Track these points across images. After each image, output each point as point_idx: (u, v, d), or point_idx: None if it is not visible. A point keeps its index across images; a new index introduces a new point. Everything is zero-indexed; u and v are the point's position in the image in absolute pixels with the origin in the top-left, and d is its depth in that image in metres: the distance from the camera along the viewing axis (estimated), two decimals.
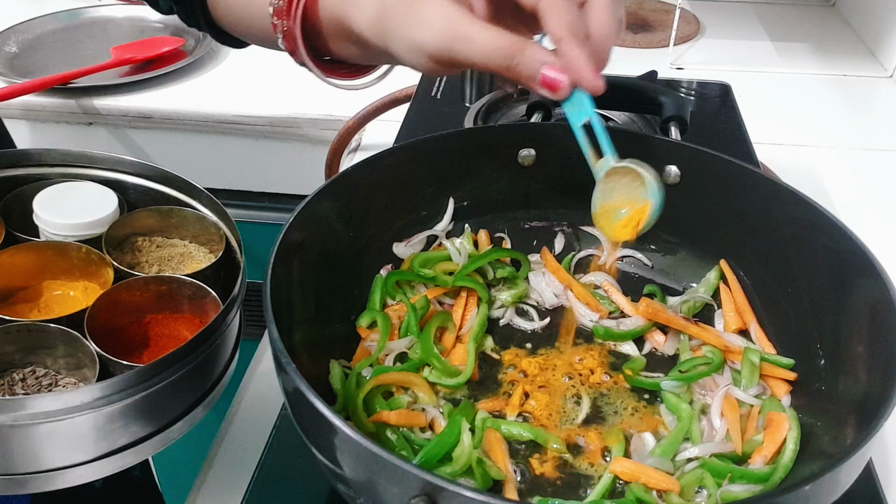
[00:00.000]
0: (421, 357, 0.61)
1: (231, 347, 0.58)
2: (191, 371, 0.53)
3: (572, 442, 0.58)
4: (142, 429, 0.52)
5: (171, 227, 0.65)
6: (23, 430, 0.48)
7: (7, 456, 0.49)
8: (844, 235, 0.57)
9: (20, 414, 0.47)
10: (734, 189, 0.66)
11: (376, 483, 0.43)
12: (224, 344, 0.56)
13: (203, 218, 0.64)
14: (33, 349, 0.55)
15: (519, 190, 0.73)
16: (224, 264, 0.62)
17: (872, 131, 1.14)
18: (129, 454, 0.53)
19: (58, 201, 0.63)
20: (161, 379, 0.51)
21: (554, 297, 0.71)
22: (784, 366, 0.61)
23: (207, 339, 0.53)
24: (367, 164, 0.66)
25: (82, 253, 0.60)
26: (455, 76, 1.11)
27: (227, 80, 1.23)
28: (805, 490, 0.42)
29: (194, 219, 0.64)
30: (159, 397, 0.52)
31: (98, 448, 0.51)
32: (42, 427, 0.48)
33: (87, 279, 0.61)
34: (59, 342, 0.55)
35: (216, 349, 0.55)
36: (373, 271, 0.68)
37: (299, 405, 0.47)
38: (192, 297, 0.59)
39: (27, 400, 0.48)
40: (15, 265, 0.59)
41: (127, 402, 0.50)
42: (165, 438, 0.54)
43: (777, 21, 1.45)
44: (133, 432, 0.52)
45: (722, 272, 0.68)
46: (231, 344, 0.58)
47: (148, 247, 0.64)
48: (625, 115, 0.95)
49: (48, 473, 0.51)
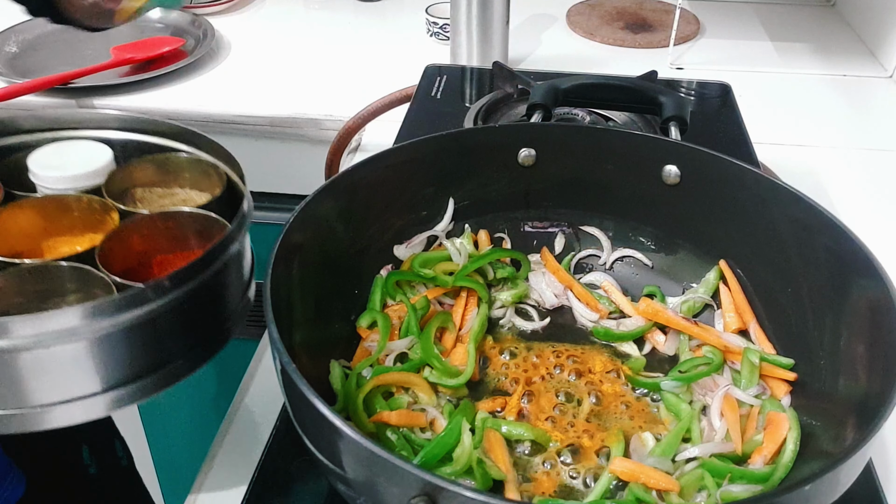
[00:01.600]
0: (421, 357, 0.61)
1: (244, 278, 0.54)
2: (195, 296, 0.48)
3: (572, 442, 0.58)
4: (141, 362, 0.47)
5: (169, 177, 0.64)
6: (5, 358, 0.44)
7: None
8: (844, 235, 0.57)
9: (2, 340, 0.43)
10: (734, 189, 0.66)
11: (376, 483, 0.43)
12: (232, 271, 0.52)
13: (200, 160, 0.63)
14: (44, 297, 0.52)
15: (519, 190, 0.73)
16: (228, 201, 0.60)
17: (872, 131, 1.14)
18: (128, 392, 0.48)
19: (52, 159, 0.62)
20: (162, 303, 0.46)
21: (554, 298, 0.71)
22: (784, 366, 0.61)
23: (214, 260, 0.49)
24: (367, 164, 0.66)
25: (83, 203, 0.58)
26: (455, 76, 1.11)
27: (227, 80, 1.23)
28: (805, 490, 0.42)
29: (191, 163, 0.63)
30: (160, 325, 0.47)
31: (92, 383, 0.47)
32: (26, 355, 0.44)
33: (93, 231, 0.58)
34: (70, 284, 0.51)
35: (223, 275, 0.51)
36: (373, 271, 0.68)
37: (299, 405, 0.47)
38: (200, 233, 0.56)
39: (9, 322, 0.43)
40: (17, 224, 0.57)
41: (122, 327, 0.45)
42: (169, 376, 0.49)
43: (777, 21, 1.45)
44: (131, 366, 0.47)
45: (722, 272, 0.68)
46: (244, 274, 0.54)
47: (149, 197, 0.64)
48: (625, 115, 0.95)
49: (35, 411, 0.46)
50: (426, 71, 1.11)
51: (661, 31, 1.37)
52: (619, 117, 0.94)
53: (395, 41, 1.36)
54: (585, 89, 0.82)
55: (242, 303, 0.56)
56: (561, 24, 1.42)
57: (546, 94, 0.79)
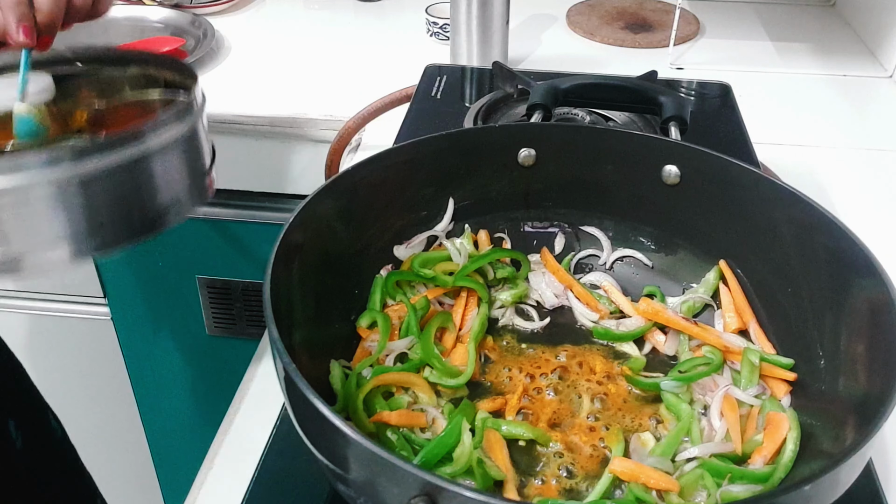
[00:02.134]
0: (421, 357, 0.61)
1: (200, 163, 0.58)
2: (139, 162, 0.52)
3: (572, 442, 0.58)
4: (111, 211, 0.51)
5: (114, 90, 0.66)
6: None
7: None
8: (844, 235, 0.57)
9: None
10: (734, 189, 0.66)
11: (376, 483, 0.43)
12: (181, 151, 0.56)
13: (136, 75, 0.65)
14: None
15: (519, 190, 0.73)
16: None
17: (872, 131, 1.14)
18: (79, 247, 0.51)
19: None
20: (103, 162, 0.50)
21: (554, 298, 0.71)
22: (784, 366, 0.61)
23: (160, 128, 0.53)
24: (367, 164, 0.66)
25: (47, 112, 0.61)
26: (455, 76, 1.11)
27: (227, 80, 1.23)
28: (805, 490, 0.42)
29: (134, 77, 0.65)
30: (101, 187, 0.50)
31: (68, 227, 0.50)
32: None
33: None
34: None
35: (171, 153, 0.55)
36: (373, 271, 0.68)
37: (299, 405, 0.47)
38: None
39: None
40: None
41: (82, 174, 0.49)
42: (104, 244, 0.53)
43: (777, 21, 1.45)
44: (101, 213, 0.51)
45: (722, 272, 0.68)
46: (200, 158, 0.58)
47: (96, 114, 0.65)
48: (625, 115, 0.95)
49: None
50: (426, 71, 1.11)
51: (661, 31, 1.37)
52: (619, 117, 0.94)
53: (395, 41, 1.36)
54: (585, 89, 0.82)
55: (197, 189, 0.60)
56: (561, 24, 1.42)
57: (546, 94, 0.79)
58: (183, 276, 1.27)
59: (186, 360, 1.38)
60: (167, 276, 1.28)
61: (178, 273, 1.27)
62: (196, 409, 1.42)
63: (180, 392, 1.42)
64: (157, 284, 1.30)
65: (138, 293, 1.32)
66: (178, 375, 1.40)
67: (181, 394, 1.42)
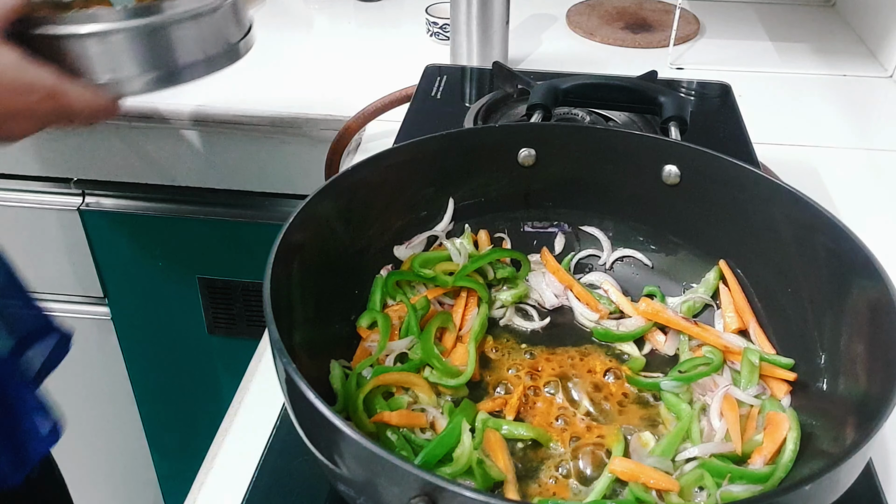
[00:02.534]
0: (421, 357, 0.61)
1: (240, 24, 0.81)
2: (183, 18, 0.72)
3: (572, 442, 0.58)
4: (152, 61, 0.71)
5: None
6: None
7: None
8: (844, 235, 0.57)
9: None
10: (734, 189, 0.66)
11: (376, 483, 0.43)
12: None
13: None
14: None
15: (519, 190, 0.73)
16: None
17: (872, 131, 1.14)
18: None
19: None
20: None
21: (554, 298, 0.71)
22: (784, 366, 0.61)
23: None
24: (367, 164, 0.66)
25: None
26: (455, 76, 1.12)
27: (228, 80, 1.23)
28: (805, 490, 0.42)
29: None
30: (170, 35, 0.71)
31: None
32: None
33: None
34: None
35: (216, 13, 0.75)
36: (373, 271, 0.68)
37: (299, 405, 0.47)
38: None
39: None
40: None
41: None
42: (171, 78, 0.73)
43: (777, 21, 1.45)
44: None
45: (722, 272, 0.68)
46: (239, 21, 0.81)
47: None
48: (625, 115, 0.95)
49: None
50: (426, 71, 1.11)
51: (661, 31, 1.37)
52: (619, 117, 0.94)
53: (395, 41, 1.36)
54: (585, 89, 0.82)
55: (232, 46, 0.83)
56: (561, 24, 1.42)
57: (546, 94, 0.79)
58: (183, 276, 1.27)
59: (186, 360, 1.38)
60: (167, 276, 1.28)
61: (178, 273, 1.27)
62: (196, 409, 1.42)
63: (180, 392, 1.42)
64: (157, 284, 1.30)
65: (138, 293, 1.32)
66: (178, 375, 1.40)
67: (181, 394, 1.42)
